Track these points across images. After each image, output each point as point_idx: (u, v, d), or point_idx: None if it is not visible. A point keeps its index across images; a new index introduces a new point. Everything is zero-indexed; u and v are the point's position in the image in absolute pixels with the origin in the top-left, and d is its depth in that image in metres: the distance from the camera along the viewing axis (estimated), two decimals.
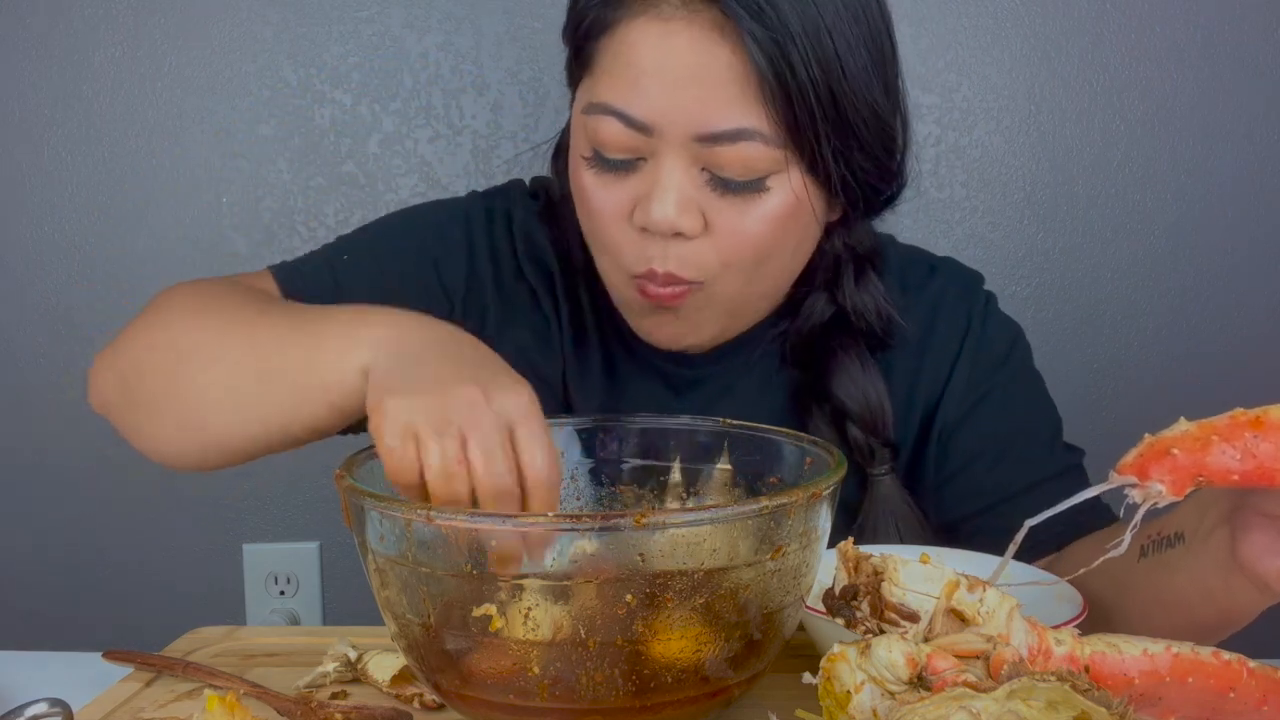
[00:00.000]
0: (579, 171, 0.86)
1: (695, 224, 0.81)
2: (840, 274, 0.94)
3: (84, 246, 1.57)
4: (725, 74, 0.78)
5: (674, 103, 0.79)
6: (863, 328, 0.94)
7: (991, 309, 0.99)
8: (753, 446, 0.77)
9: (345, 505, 0.64)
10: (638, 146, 0.81)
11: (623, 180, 0.83)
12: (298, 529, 1.63)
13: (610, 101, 0.81)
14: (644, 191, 0.82)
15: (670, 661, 0.59)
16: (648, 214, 0.81)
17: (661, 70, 0.79)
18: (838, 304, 0.94)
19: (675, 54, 0.79)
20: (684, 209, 0.81)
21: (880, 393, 0.92)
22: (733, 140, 0.79)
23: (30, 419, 1.60)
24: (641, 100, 0.80)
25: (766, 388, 0.96)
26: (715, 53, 0.78)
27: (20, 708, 0.67)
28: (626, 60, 0.81)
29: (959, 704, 0.48)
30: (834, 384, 0.92)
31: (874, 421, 0.92)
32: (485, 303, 0.97)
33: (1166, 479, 0.55)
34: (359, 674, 0.75)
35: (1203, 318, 1.54)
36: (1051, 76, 1.51)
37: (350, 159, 1.55)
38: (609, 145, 0.82)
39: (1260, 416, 0.55)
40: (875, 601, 0.54)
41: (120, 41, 1.53)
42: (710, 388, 0.96)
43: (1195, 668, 0.56)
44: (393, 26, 1.53)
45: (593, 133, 0.82)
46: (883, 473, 0.93)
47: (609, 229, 0.85)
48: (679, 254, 0.83)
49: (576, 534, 0.66)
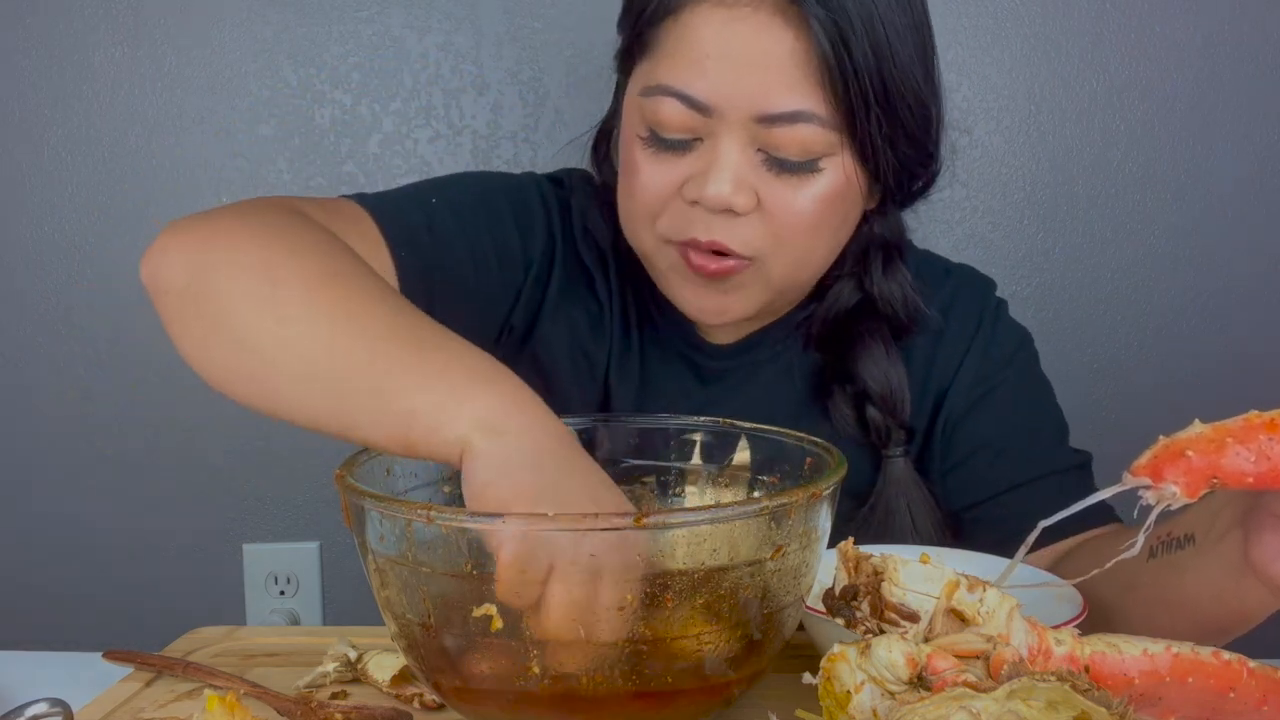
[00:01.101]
0: (631, 150, 0.87)
1: (749, 202, 0.83)
2: (869, 261, 0.96)
3: (84, 246, 1.57)
4: (787, 58, 0.81)
5: (735, 85, 0.81)
6: (888, 314, 0.96)
7: (1002, 313, 1.01)
8: (753, 446, 0.77)
9: (345, 505, 0.64)
10: (696, 127, 0.83)
11: (678, 159, 0.85)
12: (298, 529, 1.63)
13: (671, 83, 0.83)
14: (699, 169, 0.84)
15: (670, 661, 0.59)
16: (703, 189, 0.83)
17: (725, 54, 0.81)
18: (864, 290, 0.97)
19: (739, 38, 0.81)
20: (739, 187, 0.83)
21: (901, 377, 0.95)
22: (791, 122, 0.82)
23: (30, 419, 1.60)
24: (703, 81, 0.82)
25: (789, 372, 0.98)
26: (779, 37, 0.81)
27: (20, 708, 0.67)
28: (689, 43, 0.83)
29: (959, 704, 0.48)
30: (859, 366, 0.95)
31: (893, 404, 0.94)
32: (551, 279, 0.98)
33: (1181, 481, 0.55)
34: (359, 674, 0.75)
35: (1203, 318, 1.54)
36: (1051, 76, 1.51)
37: (350, 159, 1.55)
38: (667, 125, 0.84)
39: (1275, 419, 0.55)
40: (875, 601, 0.54)
41: (120, 41, 1.53)
42: (735, 377, 0.98)
43: (1195, 668, 0.56)
44: (393, 26, 1.53)
45: (651, 113, 0.84)
46: (897, 454, 0.95)
47: (657, 200, 0.86)
48: (727, 227, 0.84)
49: (576, 534, 0.66)
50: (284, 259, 0.71)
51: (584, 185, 1.02)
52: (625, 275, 0.99)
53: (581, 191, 1.01)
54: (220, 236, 0.73)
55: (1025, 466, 0.94)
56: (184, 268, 0.72)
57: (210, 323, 0.71)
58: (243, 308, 0.70)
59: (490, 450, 0.61)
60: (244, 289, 0.70)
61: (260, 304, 0.69)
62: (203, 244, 0.73)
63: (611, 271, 1.00)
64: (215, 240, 0.73)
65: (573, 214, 1.00)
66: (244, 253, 0.71)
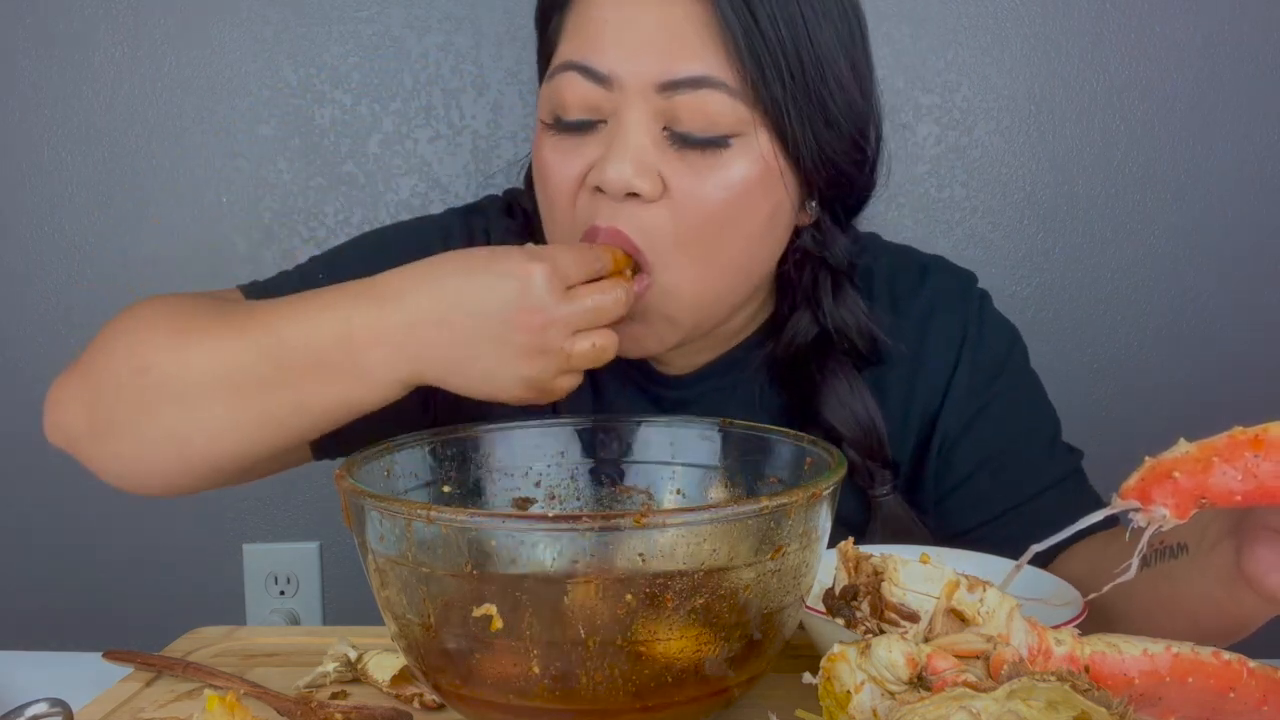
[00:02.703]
0: (540, 147, 0.84)
1: (653, 186, 0.79)
2: (819, 290, 0.91)
3: (84, 246, 1.57)
4: (687, 24, 0.79)
5: (635, 52, 0.79)
6: (845, 347, 0.92)
7: (987, 312, 0.97)
8: (753, 446, 0.77)
9: (345, 505, 0.64)
10: (599, 105, 0.81)
11: (581, 144, 0.82)
12: (298, 529, 1.62)
13: (571, 58, 0.81)
14: (602, 154, 0.81)
15: (670, 661, 0.59)
16: (603, 172, 0.79)
17: (624, 24, 0.80)
18: (820, 323, 0.92)
19: (638, 7, 0.80)
20: (640, 168, 0.79)
21: (871, 411, 0.90)
22: (694, 87, 0.78)
23: (30, 419, 1.59)
24: (602, 53, 0.80)
25: (754, 410, 0.94)
26: (683, 3, 0.79)
27: (20, 708, 0.67)
28: (588, 18, 0.81)
29: (959, 704, 0.48)
30: (823, 407, 0.90)
31: (868, 443, 0.90)
32: None
33: (1170, 502, 0.55)
34: (359, 674, 0.75)
35: (1203, 318, 1.54)
36: (1051, 76, 1.51)
37: (350, 159, 1.55)
38: (570, 105, 0.81)
39: (1259, 435, 0.55)
40: (875, 601, 0.54)
41: (120, 41, 1.53)
42: (697, 409, 0.94)
43: (1195, 668, 0.56)
44: (393, 26, 1.53)
45: (555, 94, 0.82)
46: (885, 493, 0.91)
47: (564, 194, 0.83)
48: (630, 214, 0.80)
49: (576, 534, 0.66)
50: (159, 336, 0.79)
51: (500, 215, 0.99)
52: None
53: (498, 221, 0.99)
54: (91, 374, 0.80)
55: (1026, 480, 0.92)
56: (82, 414, 0.81)
57: (121, 435, 0.79)
58: (139, 400, 0.77)
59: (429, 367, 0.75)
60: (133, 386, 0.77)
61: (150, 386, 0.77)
62: (86, 383, 0.80)
63: None
64: (93, 374, 0.80)
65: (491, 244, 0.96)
66: (125, 361, 0.78)
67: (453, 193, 1.54)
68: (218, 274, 1.55)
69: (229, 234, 1.56)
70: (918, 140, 1.52)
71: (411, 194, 1.55)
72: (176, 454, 0.79)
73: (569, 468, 0.79)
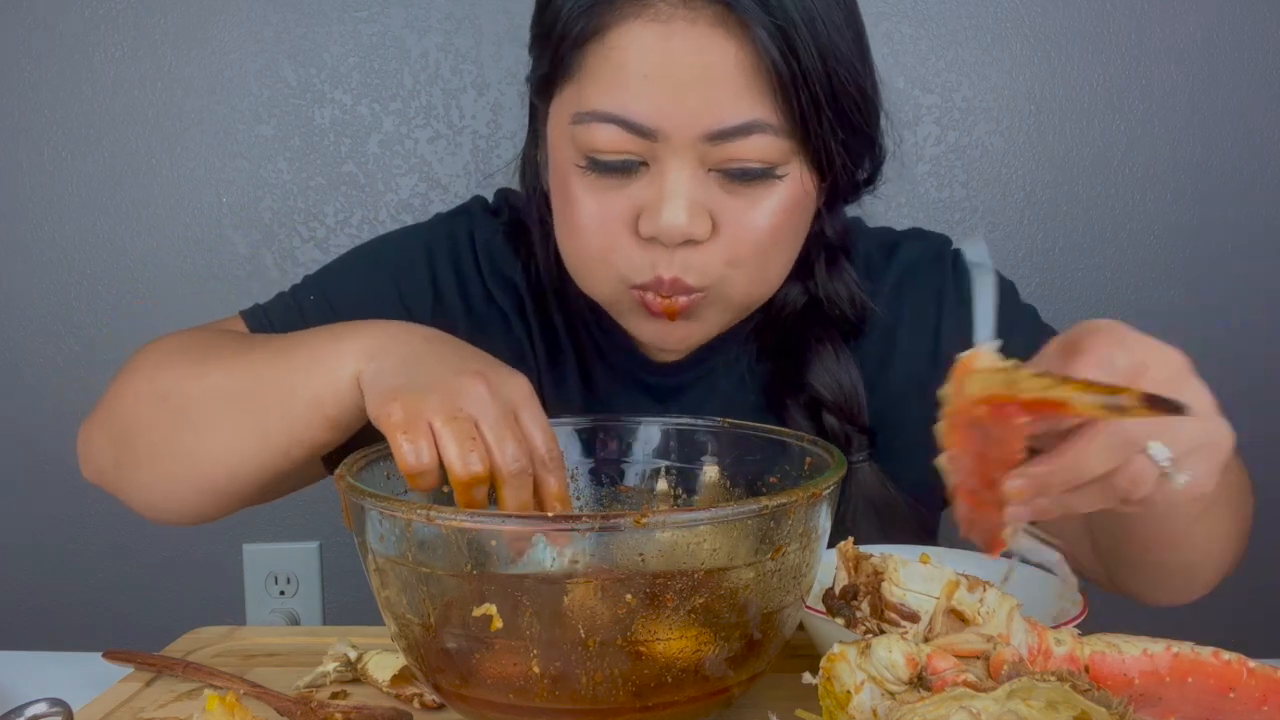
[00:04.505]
0: (568, 182, 0.82)
1: (705, 228, 0.79)
2: (813, 261, 0.92)
3: (84, 246, 1.57)
4: (733, 70, 0.76)
5: (679, 105, 0.77)
6: (835, 315, 0.93)
7: (962, 264, 0.97)
8: (753, 446, 0.77)
9: (345, 505, 0.64)
10: (639, 151, 0.79)
11: (622, 186, 0.80)
12: (298, 529, 1.62)
13: (606, 108, 0.78)
14: (648, 199, 0.79)
15: (670, 661, 0.59)
16: (657, 223, 0.78)
17: (664, 73, 0.76)
18: (810, 293, 0.93)
19: (677, 55, 0.76)
20: (694, 214, 0.78)
21: (854, 379, 0.92)
22: (744, 134, 0.77)
23: (29, 419, 1.60)
24: (643, 105, 0.77)
25: (743, 384, 0.95)
26: (721, 48, 0.76)
27: (20, 708, 0.67)
28: (621, 65, 0.78)
29: (959, 704, 0.48)
30: (809, 373, 0.91)
31: (849, 409, 0.91)
32: (455, 331, 0.93)
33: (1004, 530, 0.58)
34: (359, 674, 0.75)
35: (1203, 318, 1.54)
36: (1051, 76, 1.51)
37: (350, 159, 1.55)
38: (606, 152, 0.79)
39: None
40: (875, 601, 0.54)
41: (120, 41, 1.53)
42: (692, 393, 0.95)
43: (1195, 668, 0.56)
44: (393, 26, 1.53)
45: (586, 141, 0.79)
46: (861, 459, 0.92)
47: (607, 238, 0.82)
48: (685, 260, 0.80)
49: (576, 534, 0.66)
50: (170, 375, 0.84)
51: (485, 218, 0.99)
52: (552, 303, 0.96)
53: (484, 225, 0.99)
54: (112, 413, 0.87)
55: None
56: (108, 451, 0.87)
57: (144, 468, 0.85)
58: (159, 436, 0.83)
59: (376, 364, 0.75)
60: (152, 423, 0.83)
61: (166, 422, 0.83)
62: (108, 422, 0.87)
63: (528, 303, 0.96)
64: (114, 413, 0.86)
65: (478, 251, 0.97)
66: (141, 401, 0.84)
67: (453, 192, 1.54)
68: (218, 274, 1.56)
69: (229, 233, 1.56)
70: (918, 140, 1.52)
71: (411, 194, 1.55)
72: (196, 476, 0.83)
73: (569, 468, 0.79)
